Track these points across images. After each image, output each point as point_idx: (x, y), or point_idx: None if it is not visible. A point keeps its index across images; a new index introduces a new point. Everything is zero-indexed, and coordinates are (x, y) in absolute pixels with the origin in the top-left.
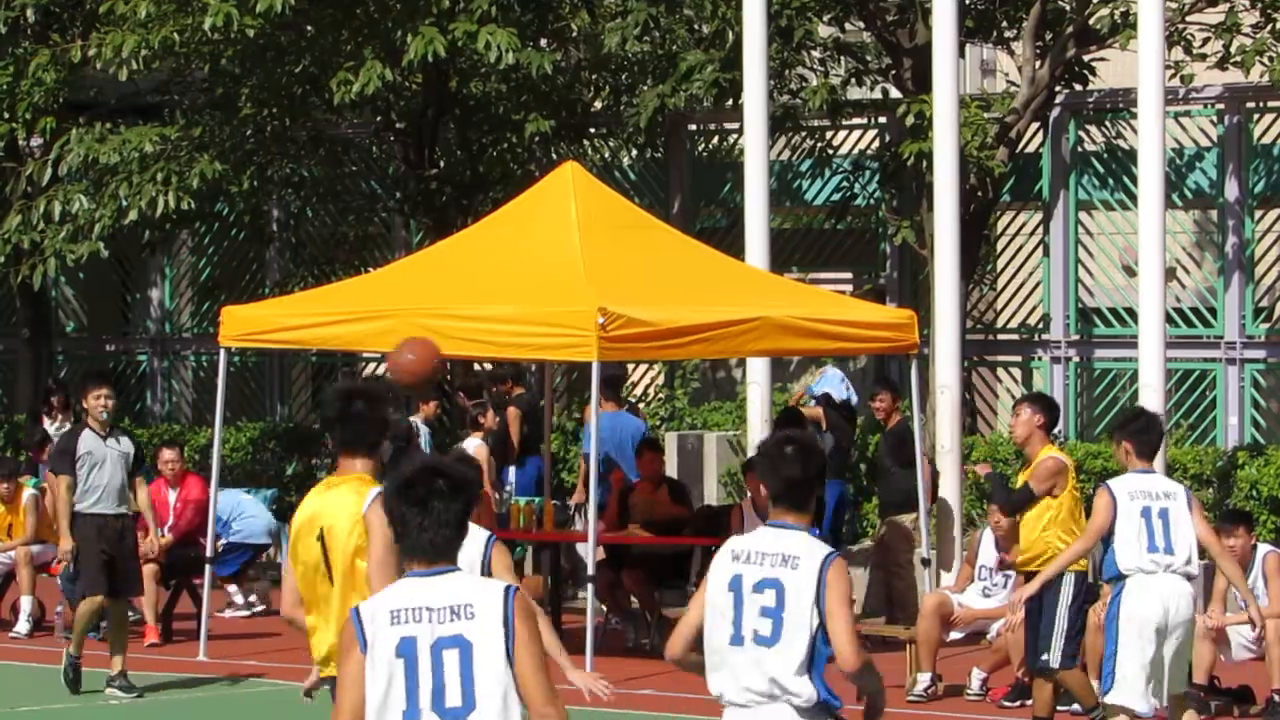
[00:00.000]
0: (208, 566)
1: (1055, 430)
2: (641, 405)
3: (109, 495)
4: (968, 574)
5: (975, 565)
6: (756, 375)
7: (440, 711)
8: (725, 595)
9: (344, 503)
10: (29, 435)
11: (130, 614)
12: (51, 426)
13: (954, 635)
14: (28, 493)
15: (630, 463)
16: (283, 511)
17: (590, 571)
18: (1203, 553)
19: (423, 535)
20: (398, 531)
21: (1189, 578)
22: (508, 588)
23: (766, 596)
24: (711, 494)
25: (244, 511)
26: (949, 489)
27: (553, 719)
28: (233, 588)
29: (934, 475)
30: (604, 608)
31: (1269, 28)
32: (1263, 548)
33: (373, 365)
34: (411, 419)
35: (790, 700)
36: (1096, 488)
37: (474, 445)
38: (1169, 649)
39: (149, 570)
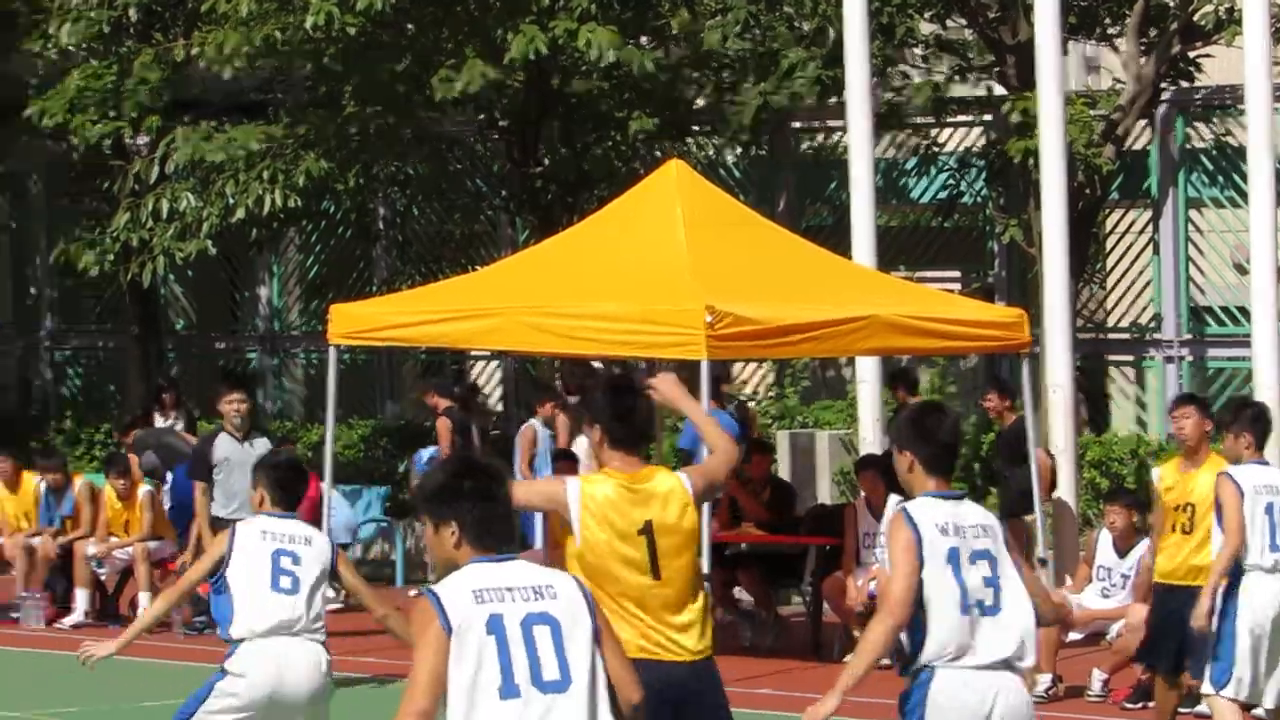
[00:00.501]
0: None
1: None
2: (751, 404)
3: (248, 500)
4: (1085, 574)
5: (1093, 566)
6: (866, 374)
7: (539, 685)
8: (946, 570)
9: (667, 496)
10: (122, 424)
11: None
12: (163, 423)
13: (1073, 636)
14: (143, 489)
15: None
16: (398, 508)
17: (705, 570)
18: None
19: (494, 524)
20: (464, 523)
21: None
22: (574, 577)
23: (982, 567)
24: (824, 493)
25: (330, 509)
26: (1065, 489)
27: (639, 702)
28: None
29: (1053, 475)
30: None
31: None
32: None
33: (481, 363)
34: (532, 420)
35: (1020, 666)
36: (1217, 478)
37: (583, 446)
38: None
39: None
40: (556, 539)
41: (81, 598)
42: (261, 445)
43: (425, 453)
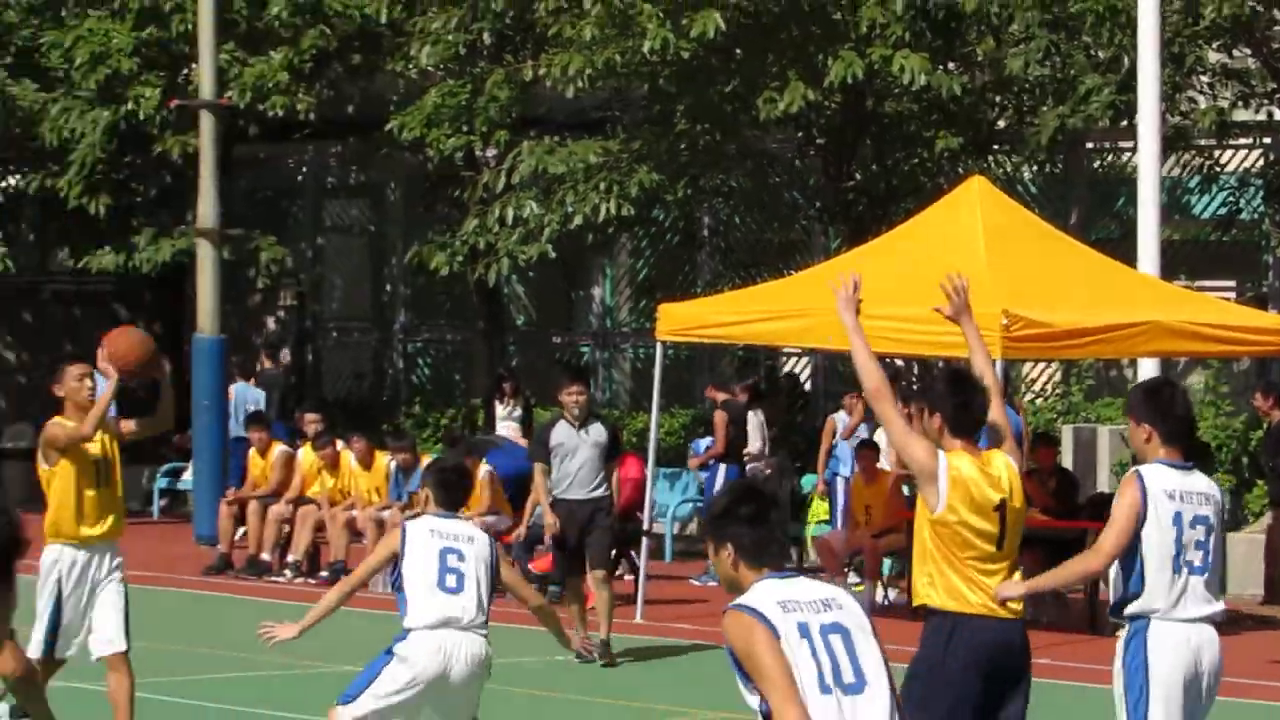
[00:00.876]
0: (644, 538)
1: None
2: (1039, 400)
3: (579, 482)
4: None
5: None
6: (1146, 374)
7: (842, 687)
8: (1169, 531)
9: (1011, 480)
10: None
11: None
12: (503, 410)
13: None
14: (483, 469)
15: None
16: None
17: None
18: None
19: (768, 546)
20: (739, 545)
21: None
22: (850, 590)
23: (1198, 531)
24: (1104, 483)
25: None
26: None
27: None
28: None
29: None
30: None
31: None
32: None
33: (794, 359)
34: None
35: (1214, 618)
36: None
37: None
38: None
39: None
40: (857, 520)
41: None
42: (596, 432)
43: (701, 443)
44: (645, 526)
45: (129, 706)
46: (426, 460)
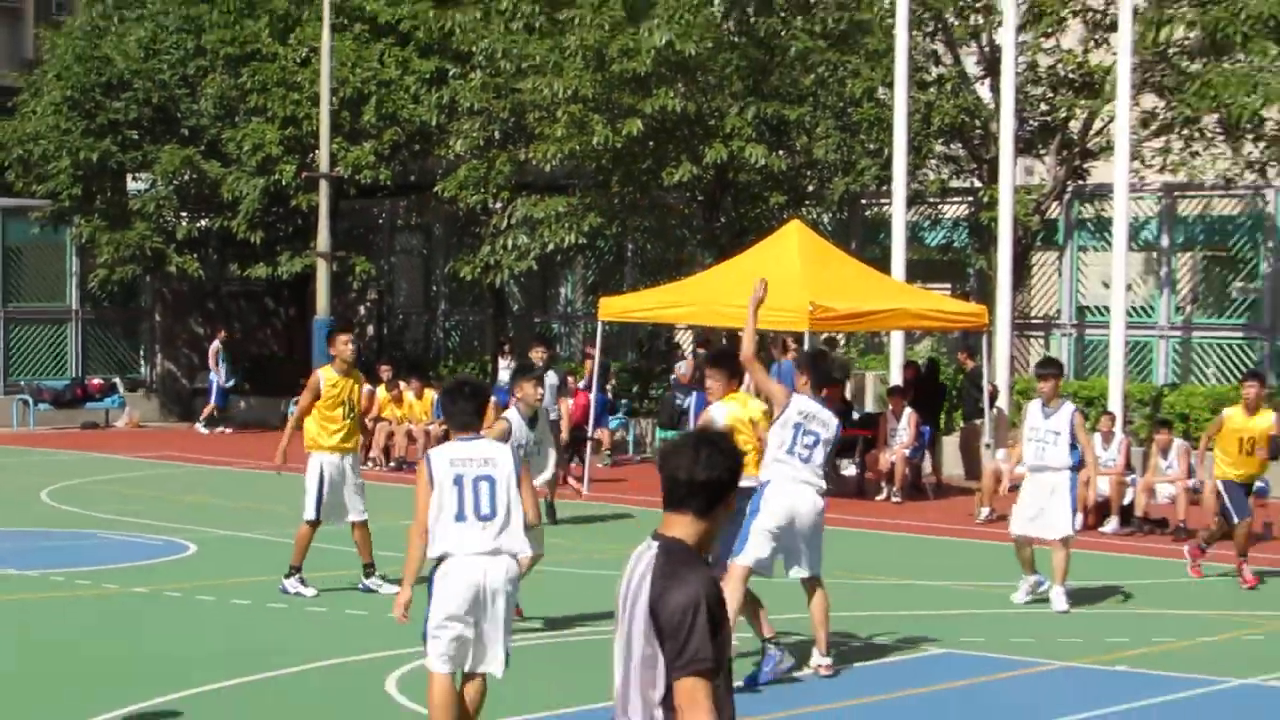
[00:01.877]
0: (588, 441)
1: None
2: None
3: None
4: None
5: (1025, 427)
6: (897, 342)
7: (477, 516)
8: (808, 435)
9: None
10: None
11: None
12: (503, 364)
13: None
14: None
15: None
16: None
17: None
18: None
19: (463, 417)
20: (450, 417)
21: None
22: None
23: (810, 438)
24: (870, 406)
25: None
26: (1005, 402)
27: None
28: None
29: (994, 396)
30: None
31: (1187, 149)
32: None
33: (681, 333)
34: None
35: (816, 487)
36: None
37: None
38: None
39: None
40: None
41: None
42: (551, 377)
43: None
44: (589, 434)
45: (368, 547)
46: (367, 389)
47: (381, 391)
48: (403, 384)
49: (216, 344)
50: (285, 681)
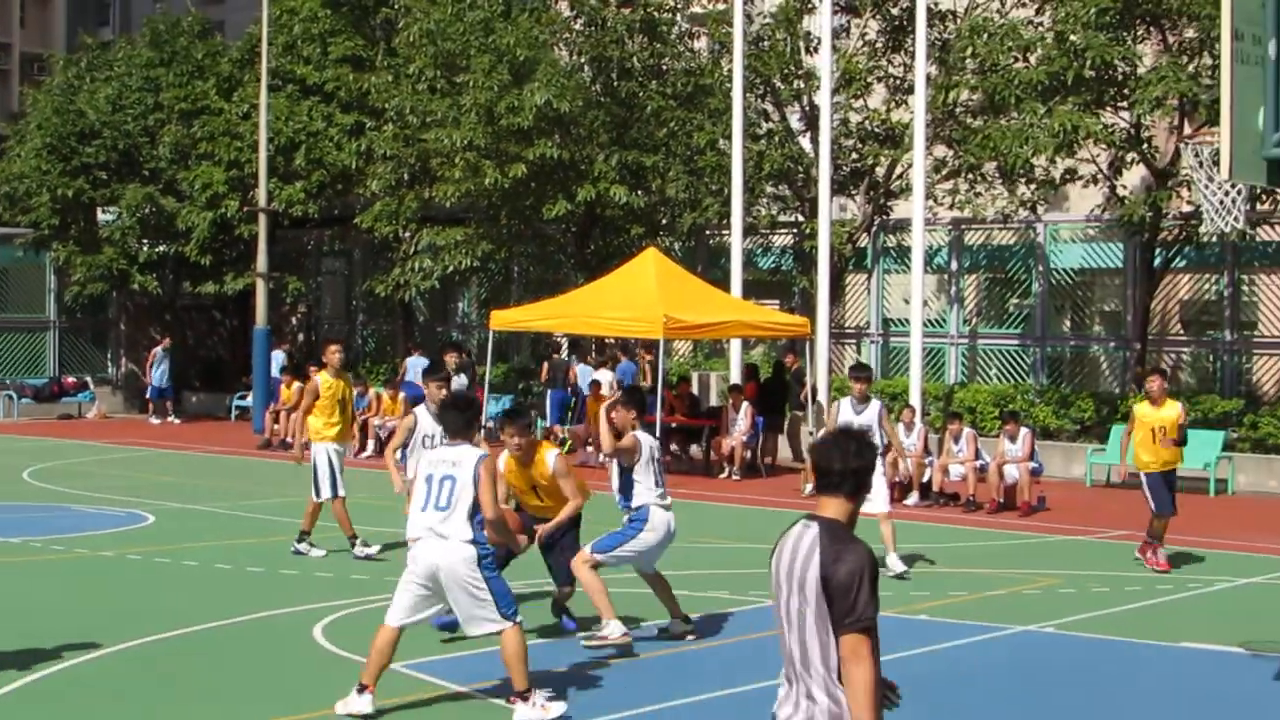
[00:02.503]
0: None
1: None
2: (680, 359)
3: None
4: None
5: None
6: (736, 349)
7: (436, 508)
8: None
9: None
10: None
11: None
12: (413, 364)
13: None
14: (402, 395)
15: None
16: None
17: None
18: None
19: (450, 426)
20: (445, 427)
21: None
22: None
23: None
24: (713, 400)
25: None
26: (824, 396)
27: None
28: None
29: (814, 391)
30: None
31: (971, 191)
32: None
33: (560, 340)
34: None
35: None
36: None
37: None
38: None
39: None
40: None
41: None
42: (459, 380)
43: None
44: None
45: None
46: (374, 390)
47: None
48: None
49: (158, 349)
50: (229, 630)
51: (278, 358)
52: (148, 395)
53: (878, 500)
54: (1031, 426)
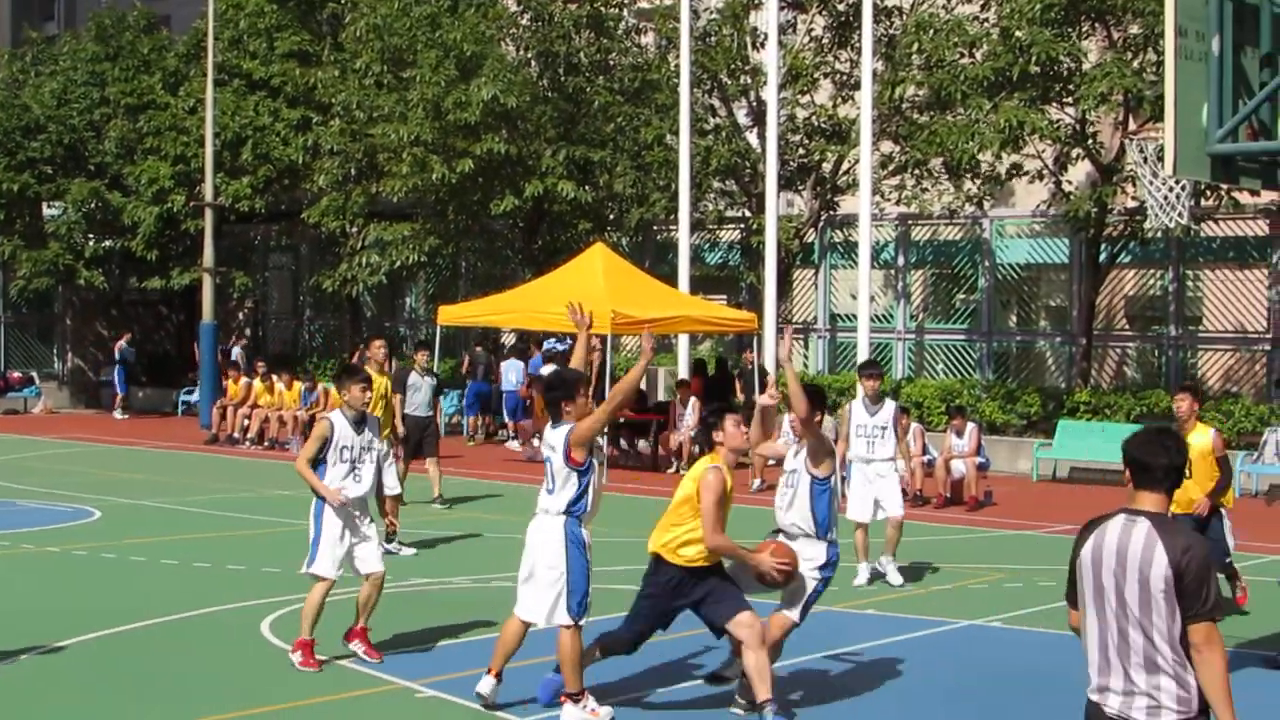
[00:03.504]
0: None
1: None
2: (627, 354)
3: (422, 407)
4: (846, 434)
5: (851, 425)
6: (684, 343)
7: (548, 491)
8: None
9: None
10: None
11: None
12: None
13: None
14: None
15: None
16: None
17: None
18: None
19: (552, 416)
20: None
21: None
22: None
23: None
24: (661, 395)
25: None
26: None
27: None
28: None
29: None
30: None
31: (918, 186)
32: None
33: (505, 334)
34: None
35: None
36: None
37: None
38: None
39: None
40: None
41: None
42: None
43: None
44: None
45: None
46: (322, 385)
47: (256, 384)
48: (274, 377)
49: (122, 343)
50: (176, 625)
51: (236, 353)
52: (119, 390)
53: (893, 505)
54: (978, 421)
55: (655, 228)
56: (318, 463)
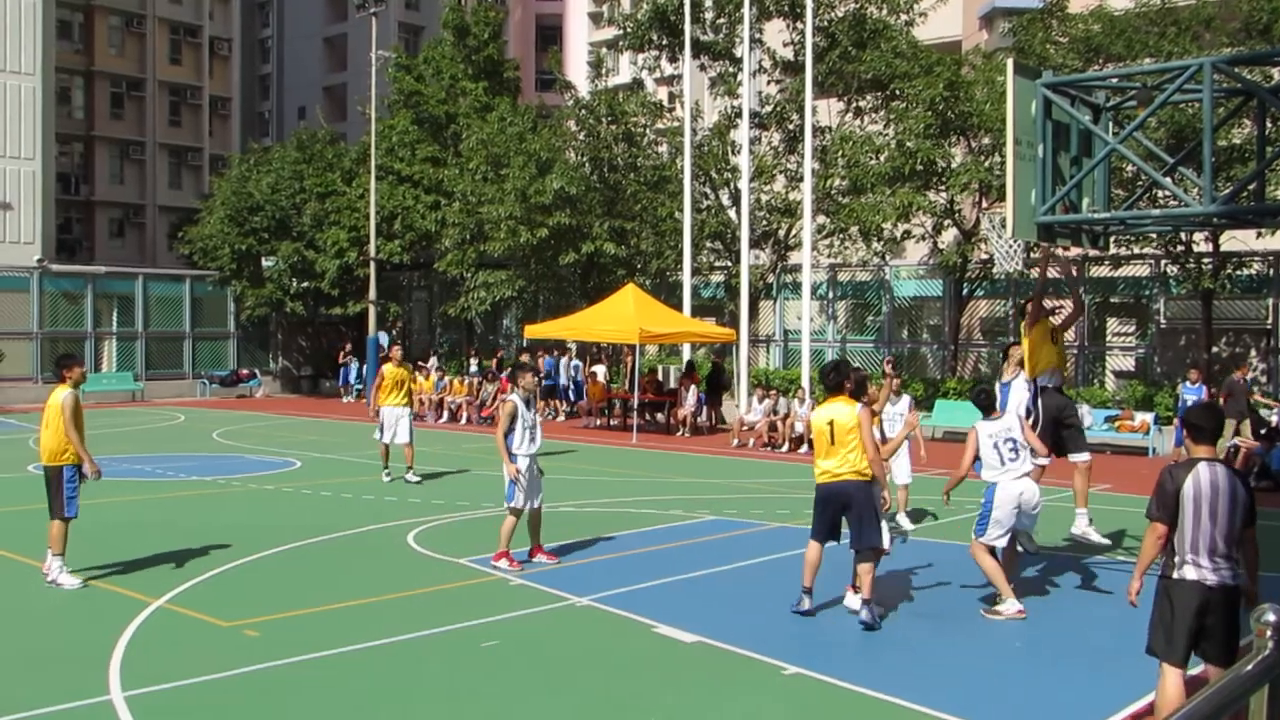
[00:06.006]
0: None
1: None
2: (652, 357)
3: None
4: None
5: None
6: (687, 351)
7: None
8: None
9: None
10: None
11: None
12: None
13: None
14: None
15: None
16: None
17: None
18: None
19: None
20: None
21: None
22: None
23: None
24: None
25: None
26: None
27: None
28: None
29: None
30: None
31: (842, 245)
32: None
33: (574, 345)
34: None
35: None
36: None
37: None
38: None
39: None
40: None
41: None
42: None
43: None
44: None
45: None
46: (446, 377)
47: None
48: (418, 371)
49: (347, 350)
50: (352, 537)
51: (384, 336)
52: (357, 385)
53: (901, 472)
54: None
55: (667, 273)
56: (508, 432)
